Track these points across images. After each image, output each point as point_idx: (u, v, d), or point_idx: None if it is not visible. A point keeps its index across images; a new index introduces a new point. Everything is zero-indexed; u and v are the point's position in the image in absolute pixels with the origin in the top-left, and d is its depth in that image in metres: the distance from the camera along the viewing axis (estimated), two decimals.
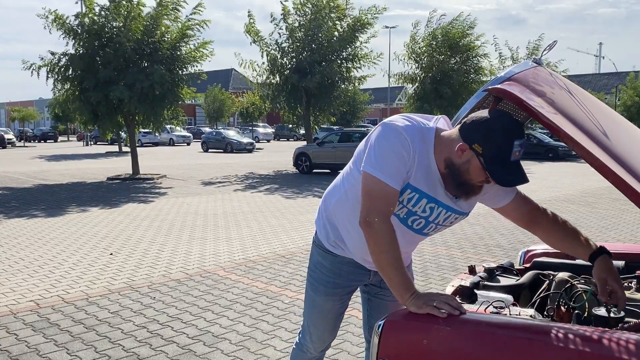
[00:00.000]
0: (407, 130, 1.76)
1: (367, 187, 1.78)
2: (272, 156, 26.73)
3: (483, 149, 1.66)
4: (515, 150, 1.64)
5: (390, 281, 1.75)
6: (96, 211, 9.52)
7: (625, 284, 1.93)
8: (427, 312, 1.63)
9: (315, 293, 2.16)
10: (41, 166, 20.38)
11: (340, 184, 2.05)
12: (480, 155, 1.67)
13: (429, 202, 1.84)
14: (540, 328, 1.52)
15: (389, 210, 1.77)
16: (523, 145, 1.66)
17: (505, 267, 2.21)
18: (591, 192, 12.23)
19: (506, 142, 1.64)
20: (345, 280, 2.11)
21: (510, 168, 1.66)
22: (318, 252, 2.14)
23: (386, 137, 1.77)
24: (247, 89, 31.63)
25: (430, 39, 22.71)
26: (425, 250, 6.41)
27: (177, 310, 4.35)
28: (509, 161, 1.65)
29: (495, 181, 1.68)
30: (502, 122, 1.66)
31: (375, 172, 1.74)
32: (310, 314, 2.21)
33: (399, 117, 1.83)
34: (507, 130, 1.64)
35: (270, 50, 18.56)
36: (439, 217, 1.89)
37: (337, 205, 2.04)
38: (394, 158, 1.74)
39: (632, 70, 43.51)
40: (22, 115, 50.62)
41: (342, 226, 2.03)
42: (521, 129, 1.67)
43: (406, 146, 1.74)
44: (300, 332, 2.34)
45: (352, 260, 2.07)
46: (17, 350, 3.56)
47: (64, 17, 14.39)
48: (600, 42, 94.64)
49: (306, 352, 2.31)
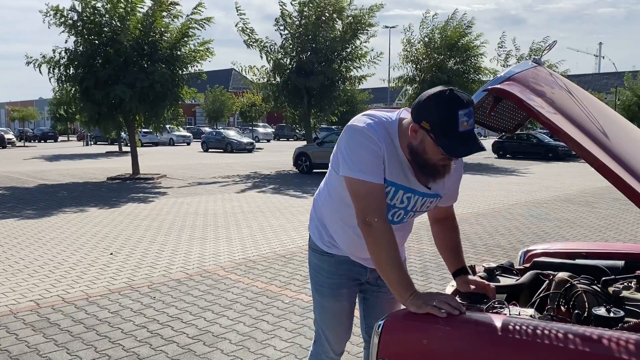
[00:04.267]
0: (371, 128, 1.80)
1: (353, 190, 1.82)
2: (272, 156, 26.73)
3: (431, 125, 1.68)
4: (462, 120, 1.63)
5: (390, 280, 1.77)
6: (96, 211, 9.52)
7: (625, 283, 1.93)
8: (427, 311, 1.64)
9: (323, 297, 2.17)
10: (41, 166, 20.38)
11: (324, 187, 2.12)
12: (430, 131, 1.68)
13: (405, 193, 1.89)
14: (540, 328, 1.52)
15: (383, 206, 1.82)
16: (470, 115, 1.64)
17: (505, 267, 2.21)
18: (591, 192, 12.24)
19: (450, 113, 1.63)
20: (346, 279, 2.13)
21: (461, 139, 1.65)
22: (315, 256, 2.17)
23: (354, 139, 1.82)
24: (247, 88, 31.62)
25: (427, 40, 22.71)
26: (425, 250, 6.41)
27: (177, 310, 4.35)
28: (458, 132, 1.64)
29: (448, 154, 1.69)
30: (444, 96, 1.66)
31: (355, 174, 1.79)
32: (323, 320, 2.21)
33: (361, 117, 1.87)
34: (450, 102, 1.64)
35: (271, 52, 18.50)
36: (416, 205, 1.94)
37: (324, 208, 2.10)
38: (367, 155, 1.78)
39: (630, 71, 43.50)
40: (22, 115, 50.66)
41: (331, 227, 2.09)
42: (465, 100, 1.65)
43: (374, 142, 1.79)
44: (313, 342, 2.31)
45: (348, 258, 2.10)
46: (17, 350, 3.56)
47: (64, 10, 14.38)
48: (600, 42, 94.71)
49: (324, 358, 2.28)
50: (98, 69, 14.45)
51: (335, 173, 1.95)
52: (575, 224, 8.21)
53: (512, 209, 9.67)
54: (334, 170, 1.97)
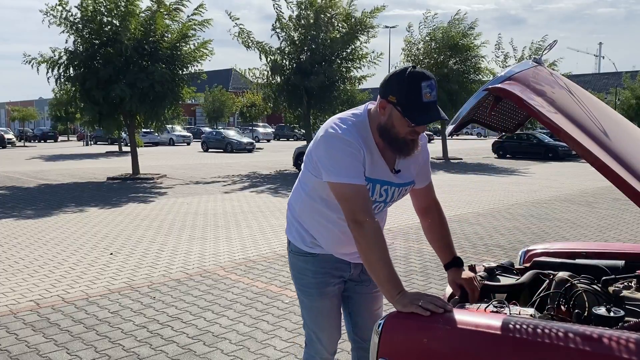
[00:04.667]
0: (346, 132, 1.88)
1: (340, 193, 1.88)
2: (272, 156, 26.72)
3: (397, 98, 1.81)
4: (425, 91, 1.78)
5: (379, 279, 1.80)
6: (96, 211, 9.52)
7: (625, 283, 1.93)
8: (412, 311, 1.66)
9: (311, 299, 2.19)
10: (41, 166, 20.38)
11: (300, 190, 2.17)
12: (397, 104, 1.82)
13: (382, 186, 1.99)
14: (540, 327, 1.52)
15: (370, 205, 1.89)
16: (433, 87, 1.79)
17: (505, 266, 2.21)
18: (591, 192, 12.24)
19: (413, 85, 1.78)
20: (331, 276, 2.17)
21: (425, 108, 1.80)
22: (299, 259, 2.19)
23: (332, 146, 1.89)
24: (247, 88, 31.61)
25: (429, 40, 22.70)
26: (425, 250, 6.41)
27: (177, 310, 4.35)
28: (422, 102, 1.79)
29: (414, 123, 1.81)
30: (407, 71, 1.81)
31: (339, 178, 1.86)
32: (313, 321, 2.23)
33: (332, 123, 1.94)
34: (413, 76, 1.79)
35: (269, 53, 18.48)
36: (394, 196, 2.06)
37: (302, 210, 2.15)
38: (347, 159, 1.86)
39: (629, 71, 43.50)
40: (22, 115, 50.64)
41: (312, 227, 2.13)
42: (427, 73, 1.80)
43: (353, 146, 1.87)
44: (305, 346, 2.32)
45: (331, 256, 2.14)
46: (17, 350, 3.56)
47: (66, 4, 14.36)
48: (600, 42, 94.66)
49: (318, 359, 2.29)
50: (98, 69, 14.45)
51: (313, 177, 2.02)
52: (575, 224, 8.21)
53: (512, 209, 9.67)
54: (311, 175, 2.03)
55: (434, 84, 1.80)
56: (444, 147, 24.26)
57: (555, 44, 2.07)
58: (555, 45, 2.08)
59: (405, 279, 5.15)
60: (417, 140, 1.92)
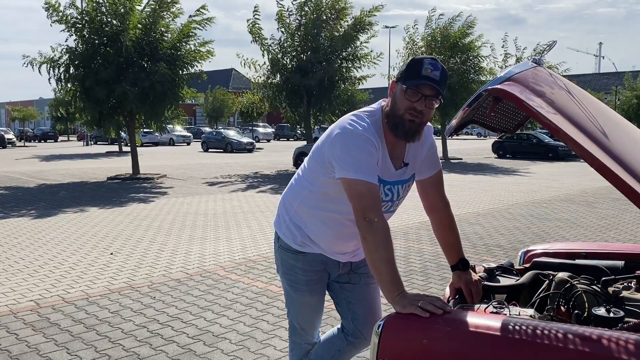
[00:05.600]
0: (366, 130, 1.91)
1: (354, 190, 1.87)
2: (272, 156, 26.72)
3: (402, 74, 1.90)
4: (427, 67, 1.84)
5: (382, 278, 1.81)
6: (96, 211, 9.52)
7: (625, 284, 1.93)
8: (411, 312, 1.67)
9: (300, 294, 2.23)
10: (41, 166, 20.38)
11: (302, 185, 2.14)
12: (400, 79, 1.90)
13: (386, 186, 2.02)
14: (540, 328, 1.52)
15: (380, 205, 1.89)
16: (436, 67, 1.84)
17: (505, 267, 2.21)
18: (591, 192, 12.23)
19: (417, 60, 1.87)
20: (319, 275, 2.21)
21: (422, 79, 1.85)
22: (288, 256, 2.20)
23: (351, 142, 1.89)
24: (247, 88, 31.58)
25: (430, 39, 22.70)
26: (425, 250, 6.41)
27: (177, 310, 4.35)
28: (421, 74, 1.84)
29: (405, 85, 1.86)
30: (417, 56, 1.93)
31: (356, 175, 1.86)
32: (300, 314, 2.30)
33: (349, 120, 1.95)
34: (418, 57, 1.90)
35: (271, 50, 18.50)
36: (400, 193, 2.09)
37: (302, 206, 2.13)
38: (364, 157, 1.88)
39: (630, 71, 43.50)
40: (23, 115, 50.61)
41: (312, 224, 2.12)
42: (434, 58, 1.88)
43: (371, 144, 1.90)
44: (290, 334, 2.40)
45: (321, 255, 2.16)
46: (17, 350, 3.56)
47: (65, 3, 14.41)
48: (600, 42, 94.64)
49: (304, 345, 2.36)
50: (99, 69, 14.45)
51: (321, 173, 2.02)
52: (575, 224, 8.21)
53: (512, 209, 9.67)
54: (319, 171, 2.03)
55: (439, 65, 1.85)
56: (444, 147, 24.26)
57: (554, 44, 2.08)
58: (554, 46, 2.08)
59: (405, 279, 5.15)
60: (417, 122, 1.91)
